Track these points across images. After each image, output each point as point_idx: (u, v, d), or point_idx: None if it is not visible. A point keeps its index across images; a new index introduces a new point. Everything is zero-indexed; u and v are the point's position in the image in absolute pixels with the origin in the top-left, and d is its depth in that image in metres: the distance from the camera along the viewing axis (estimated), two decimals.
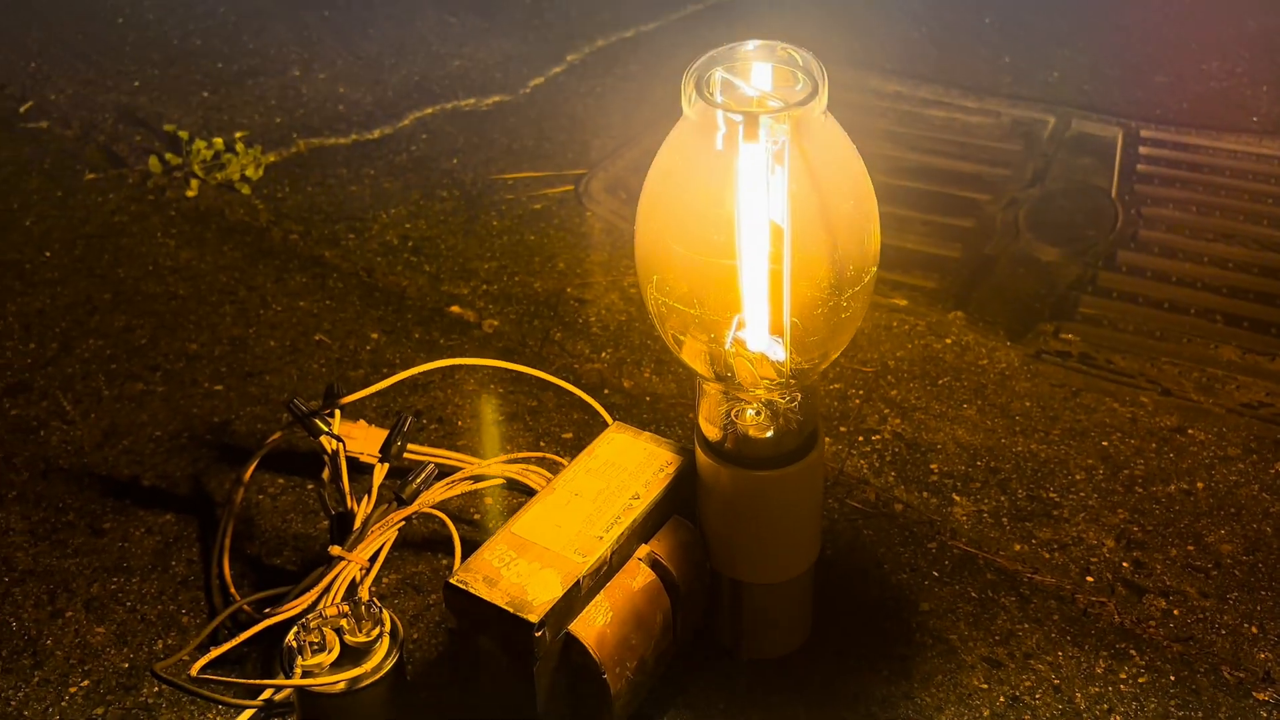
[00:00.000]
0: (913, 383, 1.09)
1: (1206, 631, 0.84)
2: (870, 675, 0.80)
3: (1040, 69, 1.70)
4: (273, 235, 1.32)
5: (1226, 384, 1.08)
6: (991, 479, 0.97)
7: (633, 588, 0.71)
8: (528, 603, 0.66)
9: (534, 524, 0.72)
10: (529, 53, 1.77)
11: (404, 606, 0.85)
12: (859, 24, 1.86)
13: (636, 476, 0.75)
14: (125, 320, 1.18)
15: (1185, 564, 0.89)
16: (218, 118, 1.56)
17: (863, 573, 0.89)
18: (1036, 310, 1.18)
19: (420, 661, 0.81)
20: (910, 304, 1.19)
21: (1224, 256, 1.26)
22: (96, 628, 0.84)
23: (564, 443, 1.02)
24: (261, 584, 0.87)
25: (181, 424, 1.04)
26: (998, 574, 0.88)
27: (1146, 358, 1.11)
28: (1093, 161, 1.46)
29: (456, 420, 1.04)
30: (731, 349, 0.67)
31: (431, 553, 0.90)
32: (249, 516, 0.93)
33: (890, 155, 1.47)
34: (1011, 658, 0.82)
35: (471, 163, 1.48)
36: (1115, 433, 1.02)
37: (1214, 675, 0.80)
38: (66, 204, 1.38)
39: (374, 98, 1.63)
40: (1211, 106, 1.59)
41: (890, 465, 0.99)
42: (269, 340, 1.15)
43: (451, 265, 1.27)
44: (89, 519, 0.94)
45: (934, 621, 0.84)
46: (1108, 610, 0.85)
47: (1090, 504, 0.95)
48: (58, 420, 1.05)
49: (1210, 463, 0.99)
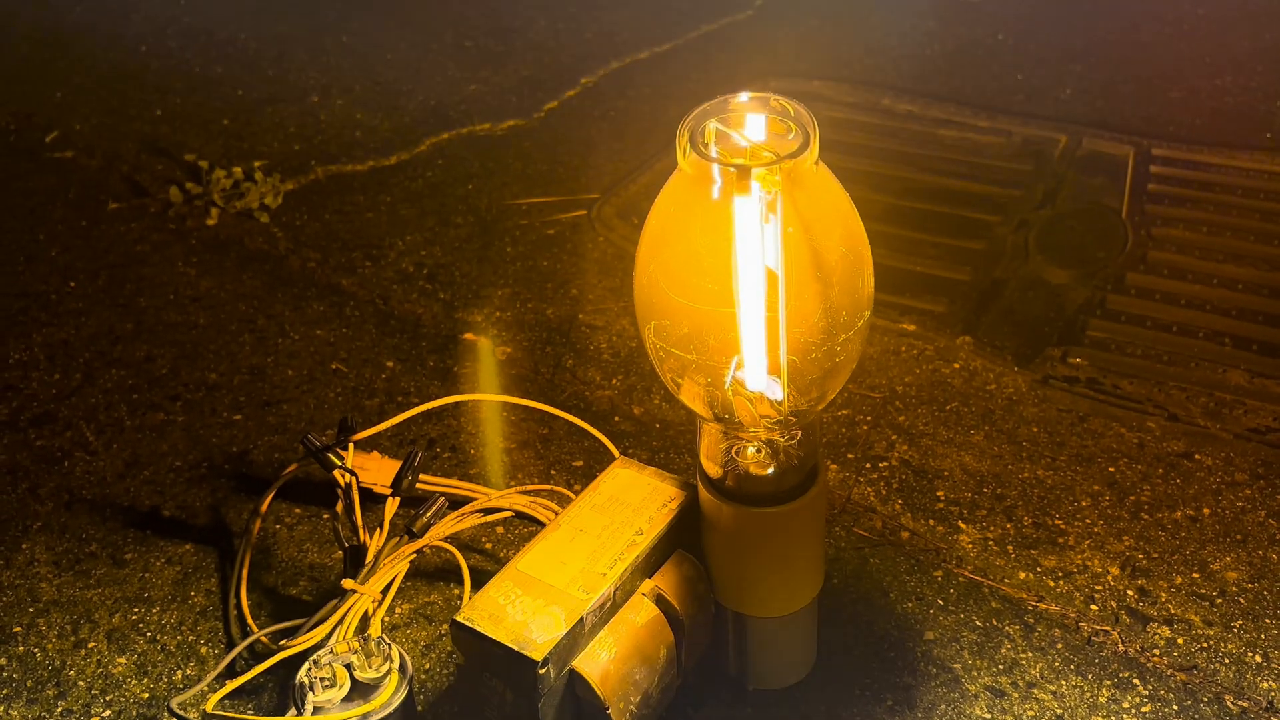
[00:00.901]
0: (920, 408, 1.09)
1: (1210, 660, 0.84)
2: (875, 705, 0.81)
3: (1053, 86, 1.71)
4: (291, 263, 1.35)
5: (1234, 409, 1.08)
6: (998, 506, 0.98)
7: (636, 623, 0.73)
8: (532, 640, 0.67)
9: (539, 561, 0.73)
10: (543, 76, 1.79)
11: (416, 636, 0.87)
12: (872, 42, 1.87)
13: (640, 512, 0.76)
14: (146, 350, 1.20)
15: (1190, 592, 0.90)
16: (238, 145, 1.59)
17: (868, 602, 0.90)
18: (1045, 334, 1.19)
19: (432, 691, 0.83)
20: (919, 329, 1.20)
21: (1234, 278, 1.26)
22: (118, 658, 0.86)
23: (574, 470, 1.03)
24: (279, 614, 0.89)
25: (201, 454, 1.06)
26: (1003, 602, 0.89)
27: (1154, 382, 1.11)
28: (1104, 180, 1.46)
29: (469, 449, 1.06)
30: (730, 389, 0.68)
31: (444, 583, 0.92)
32: (266, 547, 0.96)
33: (902, 177, 1.48)
34: (1015, 687, 0.83)
35: (486, 188, 1.50)
36: (1122, 458, 1.03)
37: (1218, 705, 0.81)
38: (90, 234, 1.41)
39: (391, 124, 1.65)
40: (1225, 123, 1.59)
41: (897, 493, 1.00)
42: (287, 369, 1.17)
43: (466, 292, 1.29)
44: (111, 549, 0.96)
45: (938, 650, 0.85)
46: (1112, 639, 0.86)
47: (1096, 531, 0.95)
48: (81, 451, 1.07)
49: (1217, 489, 0.99)
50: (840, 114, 1.62)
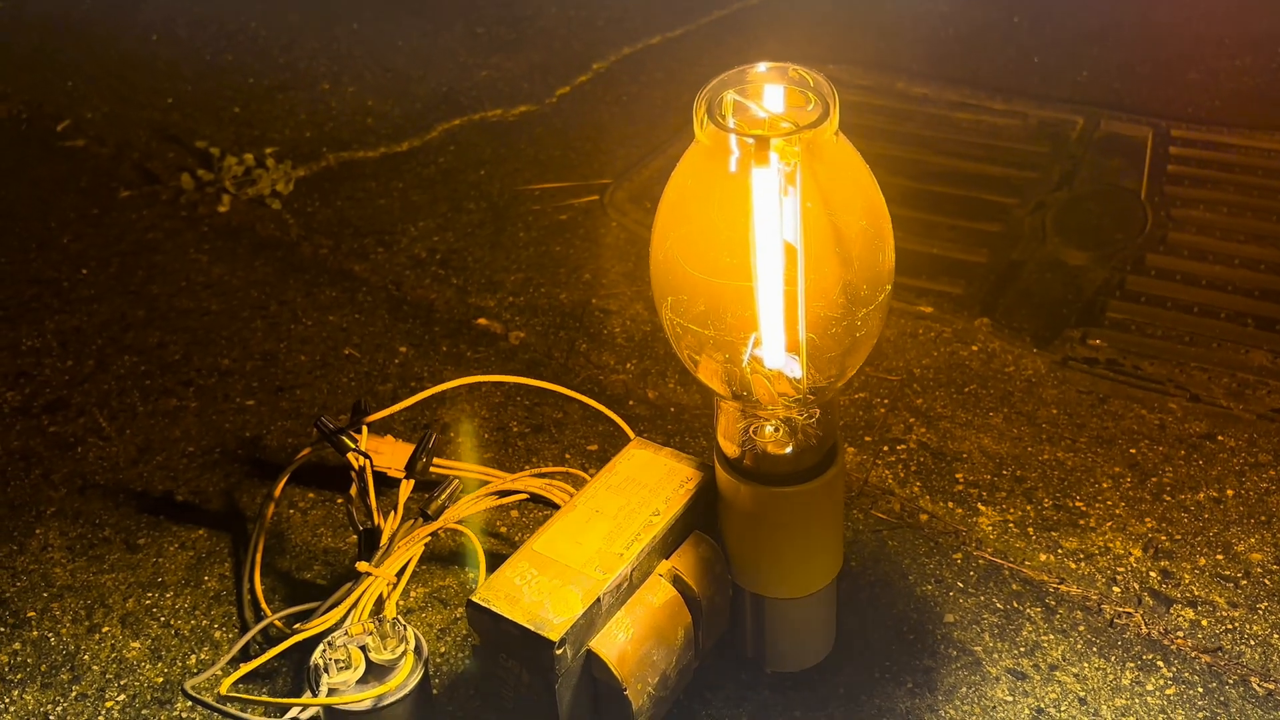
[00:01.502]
0: (938, 390, 1.08)
1: (1235, 642, 0.83)
2: (894, 688, 0.80)
3: (1069, 68, 1.69)
4: (303, 250, 1.34)
5: (1258, 389, 1.06)
6: (1017, 488, 0.97)
7: (654, 604, 0.72)
8: (548, 620, 0.67)
9: (555, 541, 0.72)
10: (555, 62, 1.78)
11: (431, 620, 0.87)
12: (886, 25, 1.85)
13: (657, 493, 0.76)
14: (159, 336, 1.20)
15: (1214, 573, 0.89)
16: (249, 133, 1.59)
17: (887, 584, 0.89)
18: (1063, 316, 1.17)
19: (447, 674, 0.82)
20: (936, 310, 1.18)
21: (1255, 258, 1.24)
22: (132, 643, 0.86)
23: (589, 454, 1.02)
24: (292, 598, 0.89)
25: (214, 439, 1.06)
26: (1024, 584, 0.88)
27: (1175, 363, 1.10)
28: (1122, 162, 1.44)
29: (483, 433, 1.05)
30: (748, 367, 0.67)
31: (459, 566, 0.91)
32: (280, 531, 0.95)
33: (918, 160, 1.47)
34: (1037, 669, 0.81)
35: (498, 174, 1.49)
36: (1143, 440, 1.02)
37: (1243, 687, 0.80)
38: (102, 221, 1.40)
39: (402, 110, 1.65)
40: (1245, 104, 1.57)
41: (915, 475, 0.99)
42: (299, 355, 1.16)
43: (478, 277, 1.28)
44: (125, 534, 0.96)
45: (959, 633, 0.84)
46: (1135, 621, 0.85)
47: (1117, 513, 0.94)
48: (94, 437, 1.07)
49: (1240, 470, 0.98)
50: (855, 97, 1.61)
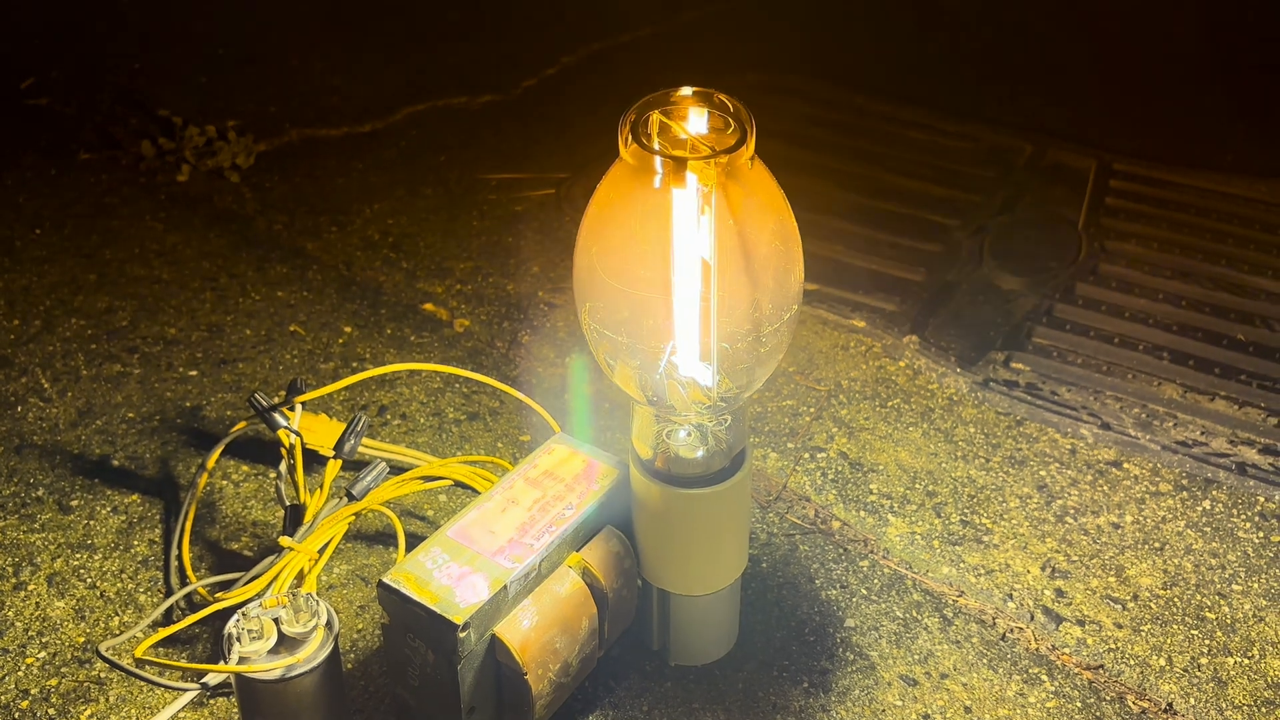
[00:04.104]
0: (863, 403, 1.12)
1: (1117, 661, 0.87)
2: (791, 687, 0.84)
3: (1024, 96, 1.73)
4: (258, 224, 1.36)
5: (1165, 421, 1.11)
6: (928, 502, 1.01)
7: (560, 594, 0.75)
8: (454, 604, 0.70)
9: (469, 529, 0.75)
10: (524, 53, 1.80)
11: (352, 597, 0.89)
12: (852, 40, 1.89)
13: (572, 488, 0.79)
14: (108, 301, 1.21)
15: (1105, 594, 0.93)
16: (213, 103, 1.60)
17: (794, 587, 0.92)
18: (990, 338, 1.21)
19: (363, 650, 0.85)
20: (868, 325, 1.22)
21: (1178, 294, 1.29)
22: (57, 601, 0.88)
23: (521, 445, 1.05)
24: (219, 568, 0.91)
25: (154, 407, 1.08)
26: (924, 595, 0.92)
27: (1091, 391, 1.14)
28: (1064, 191, 1.49)
29: (419, 417, 1.08)
30: (663, 374, 0.70)
31: (383, 546, 0.94)
32: (211, 501, 0.97)
33: (868, 175, 1.50)
34: (928, 677, 0.85)
35: (458, 161, 1.51)
36: (1054, 463, 1.06)
37: (1119, 704, 0.84)
38: (59, 183, 1.41)
39: (368, 91, 1.66)
40: (1186, 143, 1.62)
41: (832, 483, 1.02)
42: (245, 329, 1.18)
43: (429, 263, 1.30)
44: (58, 495, 0.98)
45: (857, 638, 0.88)
46: (1025, 636, 0.89)
47: (1021, 532, 0.98)
48: (35, 397, 1.08)
49: (1141, 497, 1.02)
50: (814, 110, 1.64)
